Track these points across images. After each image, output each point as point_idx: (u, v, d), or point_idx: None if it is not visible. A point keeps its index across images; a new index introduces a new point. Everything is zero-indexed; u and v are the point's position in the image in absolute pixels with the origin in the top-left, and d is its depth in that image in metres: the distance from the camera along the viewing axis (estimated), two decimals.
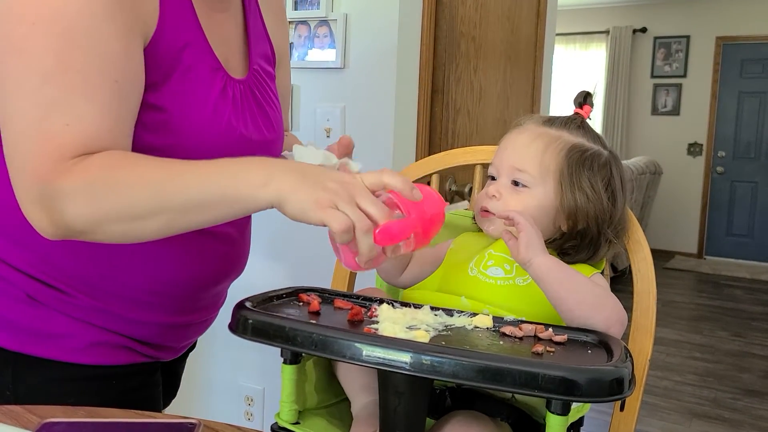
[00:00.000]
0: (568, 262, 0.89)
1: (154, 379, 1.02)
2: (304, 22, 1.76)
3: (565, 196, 0.91)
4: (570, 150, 0.92)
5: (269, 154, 1.00)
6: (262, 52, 1.04)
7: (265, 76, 1.03)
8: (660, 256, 6.53)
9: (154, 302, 0.94)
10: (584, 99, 1.00)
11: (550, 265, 0.82)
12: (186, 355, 1.15)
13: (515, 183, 0.93)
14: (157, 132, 0.84)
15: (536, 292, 0.85)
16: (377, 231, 0.69)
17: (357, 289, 1.01)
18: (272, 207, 0.72)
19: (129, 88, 0.79)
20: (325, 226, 0.68)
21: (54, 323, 0.89)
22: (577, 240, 0.92)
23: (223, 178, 0.73)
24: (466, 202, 1.84)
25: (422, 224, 0.76)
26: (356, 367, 0.84)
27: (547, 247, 0.84)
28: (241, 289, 1.01)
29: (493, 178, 0.96)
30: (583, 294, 0.82)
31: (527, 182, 0.92)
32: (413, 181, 1.14)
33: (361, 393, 0.84)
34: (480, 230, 0.97)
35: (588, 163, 0.92)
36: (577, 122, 0.97)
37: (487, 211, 0.93)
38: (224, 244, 0.98)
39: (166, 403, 1.17)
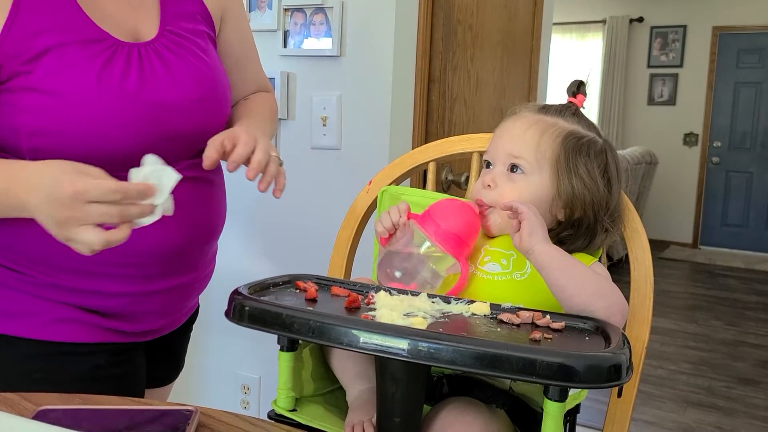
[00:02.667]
0: (565, 251, 0.88)
1: (127, 359, 1.00)
2: (300, 10, 1.74)
3: (562, 182, 0.90)
4: (566, 137, 0.92)
5: (194, 115, 0.97)
6: (182, 12, 1.03)
7: (187, 34, 1.01)
8: (655, 246, 6.54)
9: (116, 273, 0.93)
10: (577, 88, 1.00)
11: (552, 252, 0.82)
12: (185, 331, 1.15)
13: (511, 170, 0.92)
14: (41, 113, 0.85)
15: (534, 287, 0.85)
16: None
17: (353, 278, 1.01)
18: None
19: None
20: None
21: (16, 302, 0.92)
22: (573, 228, 0.92)
23: None
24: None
25: (455, 251, 0.86)
26: (350, 356, 0.84)
27: None
28: (235, 276, 1.00)
29: (488, 165, 0.96)
30: (584, 282, 0.81)
31: (524, 168, 0.91)
32: (410, 171, 1.15)
33: (355, 381, 0.84)
34: None
35: (584, 150, 0.92)
36: (571, 110, 0.97)
37: (482, 205, 0.93)
38: (190, 208, 0.97)
39: (172, 378, 1.19)
